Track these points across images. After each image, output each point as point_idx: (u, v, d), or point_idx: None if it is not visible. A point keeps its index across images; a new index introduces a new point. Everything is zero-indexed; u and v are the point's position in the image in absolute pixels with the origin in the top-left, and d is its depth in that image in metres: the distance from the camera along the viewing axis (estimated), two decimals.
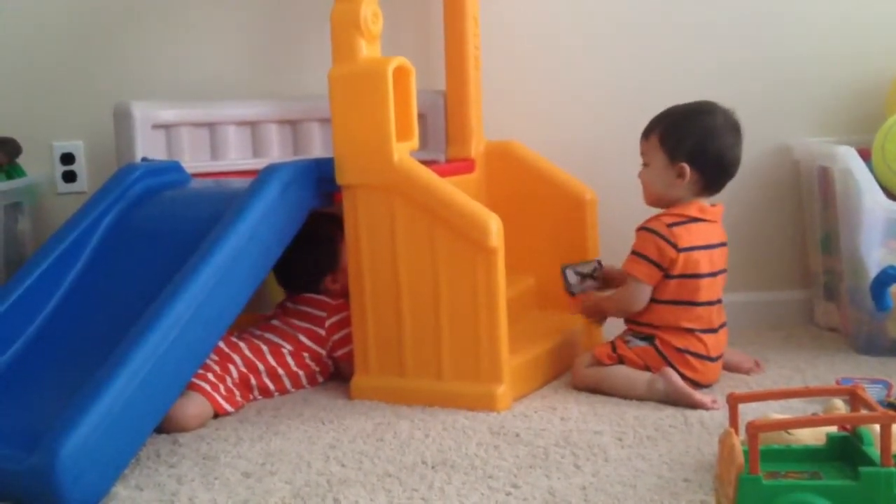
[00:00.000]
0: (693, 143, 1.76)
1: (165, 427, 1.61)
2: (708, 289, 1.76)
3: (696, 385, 1.74)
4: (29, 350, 1.62)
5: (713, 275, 1.78)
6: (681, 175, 1.77)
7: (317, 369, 1.91)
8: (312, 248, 1.90)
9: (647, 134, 1.82)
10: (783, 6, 2.21)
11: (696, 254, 1.75)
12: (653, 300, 1.77)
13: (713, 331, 1.77)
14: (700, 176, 1.77)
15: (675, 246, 1.74)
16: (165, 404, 1.50)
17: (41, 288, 1.68)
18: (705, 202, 1.80)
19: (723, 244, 1.81)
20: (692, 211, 1.78)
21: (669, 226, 1.75)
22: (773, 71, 2.21)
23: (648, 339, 1.77)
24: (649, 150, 1.81)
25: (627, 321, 1.83)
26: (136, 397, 1.40)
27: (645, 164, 1.83)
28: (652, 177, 1.81)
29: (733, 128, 1.79)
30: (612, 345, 1.80)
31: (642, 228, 1.78)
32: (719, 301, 1.80)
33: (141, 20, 2.26)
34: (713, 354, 1.76)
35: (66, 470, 1.29)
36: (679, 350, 1.74)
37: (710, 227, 1.79)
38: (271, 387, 1.84)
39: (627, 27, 2.23)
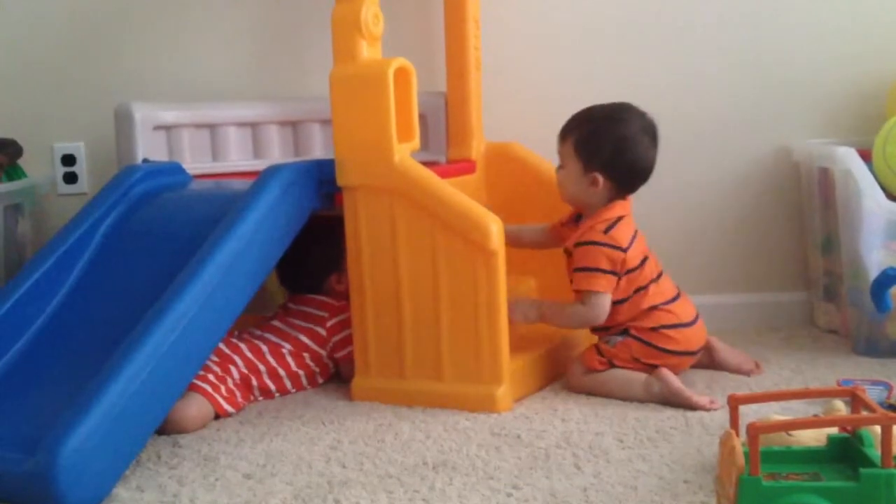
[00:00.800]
0: (608, 153, 1.78)
1: (166, 428, 1.61)
2: (649, 271, 1.79)
3: (686, 355, 1.76)
4: (29, 352, 1.62)
5: (646, 259, 1.80)
6: (594, 184, 1.79)
7: (317, 370, 1.91)
8: (319, 248, 1.90)
9: (563, 137, 1.83)
10: (783, 7, 2.21)
11: (632, 248, 1.78)
12: (613, 303, 1.78)
13: (674, 299, 1.79)
14: (614, 184, 1.80)
15: (619, 248, 1.76)
16: (166, 406, 1.50)
17: (41, 290, 1.67)
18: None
19: (637, 230, 1.83)
20: (615, 211, 1.80)
21: (605, 231, 1.77)
22: (774, 72, 2.21)
23: (623, 332, 1.78)
24: (565, 154, 1.83)
25: (594, 329, 1.84)
26: (137, 399, 1.40)
27: (560, 166, 1.84)
28: (567, 180, 1.83)
29: (649, 133, 1.80)
30: (597, 348, 1.80)
31: (582, 244, 1.78)
32: (661, 274, 1.82)
33: (142, 21, 2.27)
34: (686, 320, 1.78)
35: (66, 472, 1.29)
36: (654, 329, 1.76)
37: (630, 219, 1.82)
38: (272, 387, 1.84)
39: (628, 28, 2.23)
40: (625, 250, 1.76)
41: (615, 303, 1.78)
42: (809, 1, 2.20)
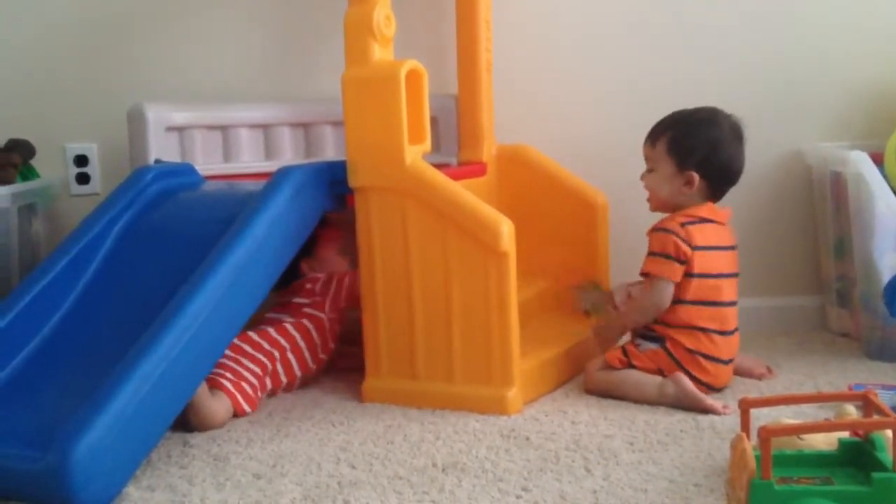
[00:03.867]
0: (703, 152, 1.79)
1: (196, 425, 1.65)
2: (727, 289, 1.77)
3: (708, 388, 1.74)
4: (42, 351, 1.63)
5: (730, 276, 1.79)
6: (689, 183, 1.79)
7: (318, 342, 1.93)
8: None
9: (653, 141, 1.84)
10: (795, 9, 2.20)
11: (710, 253, 1.77)
12: (673, 301, 1.76)
13: (726, 333, 1.77)
14: (707, 184, 1.80)
15: (689, 244, 1.75)
16: (178, 406, 1.50)
17: (55, 289, 1.68)
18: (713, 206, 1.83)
19: (733, 247, 1.82)
20: (703, 212, 1.80)
21: (683, 225, 1.77)
22: (785, 75, 2.21)
23: (659, 340, 1.77)
24: (655, 157, 1.83)
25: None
26: (150, 399, 1.41)
27: (650, 170, 1.84)
28: (658, 183, 1.83)
29: (738, 136, 1.82)
30: (624, 349, 1.80)
31: (657, 230, 1.79)
32: (735, 303, 1.80)
33: (154, 23, 2.28)
34: (724, 357, 1.76)
35: (78, 470, 1.30)
36: (690, 351, 1.74)
37: (721, 228, 1.81)
38: (282, 373, 1.85)
39: (639, 30, 2.23)
40: (693, 248, 1.75)
41: (679, 301, 1.75)
42: (821, 3, 2.20)
